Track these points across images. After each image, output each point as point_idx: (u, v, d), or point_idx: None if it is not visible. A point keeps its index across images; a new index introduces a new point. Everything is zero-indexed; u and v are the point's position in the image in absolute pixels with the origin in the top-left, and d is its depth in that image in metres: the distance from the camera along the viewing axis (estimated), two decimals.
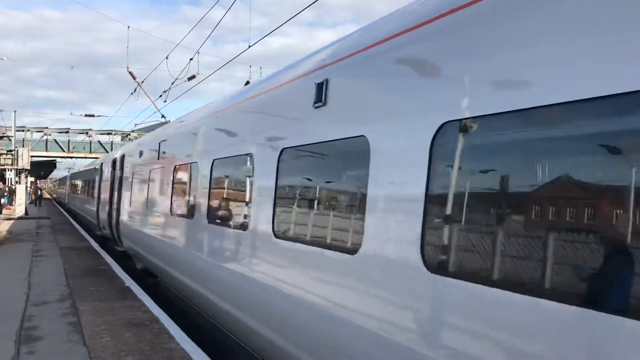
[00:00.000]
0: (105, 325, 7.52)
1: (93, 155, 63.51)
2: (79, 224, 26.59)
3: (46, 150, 63.54)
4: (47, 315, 8.07)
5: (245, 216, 6.16)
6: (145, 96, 28.81)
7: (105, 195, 17.52)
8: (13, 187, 32.45)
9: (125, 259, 14.14)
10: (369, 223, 3.91)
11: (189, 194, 8.57)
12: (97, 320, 7.80)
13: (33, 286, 10.39)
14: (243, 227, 6.09)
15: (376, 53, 4.19)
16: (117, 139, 67.99)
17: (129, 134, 67.03)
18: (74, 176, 37.01)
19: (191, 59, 24.35)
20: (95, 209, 19.79)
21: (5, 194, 18.29)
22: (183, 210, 8.74)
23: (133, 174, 13.41)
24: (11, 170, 35.61)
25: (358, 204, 4.24)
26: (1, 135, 49.93)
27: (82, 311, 8.34)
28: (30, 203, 48.41)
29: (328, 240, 4.57)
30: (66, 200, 43.96)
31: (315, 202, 5.08)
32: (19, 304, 8.83)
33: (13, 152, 35.22)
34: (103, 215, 17.33)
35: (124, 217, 14.12)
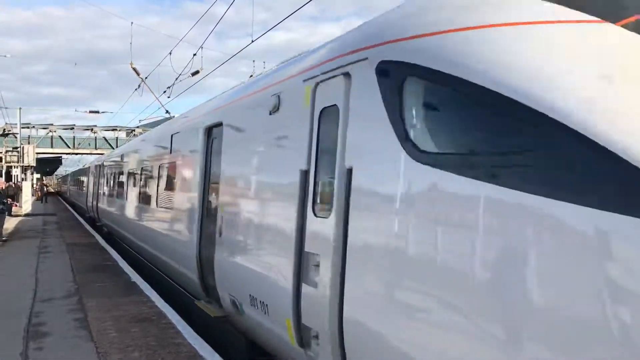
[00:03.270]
0: (111, 320, 7.56)
1: (98, 151, 63.73)
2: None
3: (51, 147, 63.68)
4: (54, 312, 8.12)
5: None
6: (149, 92, 28.78)
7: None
8: (19, 184, 32.55)
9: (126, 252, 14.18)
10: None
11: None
12: (104, 315, 7.84)
13: (40, 282, 10.45)
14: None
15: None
16: (122, 135, 68.03)
17: (134, 130, 67.18)
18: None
19: (195, 55, 24.23)
20: None
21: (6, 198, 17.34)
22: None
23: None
24: (17, 168, 35.71)
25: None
26: (6, 132, 50.16)
27: (88, 307, 8.39)
28: (37, 200, 48.62)
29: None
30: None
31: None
32: (27, 300, 8.89)
33: (18, 150, 35.33)
34: None
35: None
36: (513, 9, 3.38)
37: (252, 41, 18.30)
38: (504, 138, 3.01)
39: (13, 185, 30.76)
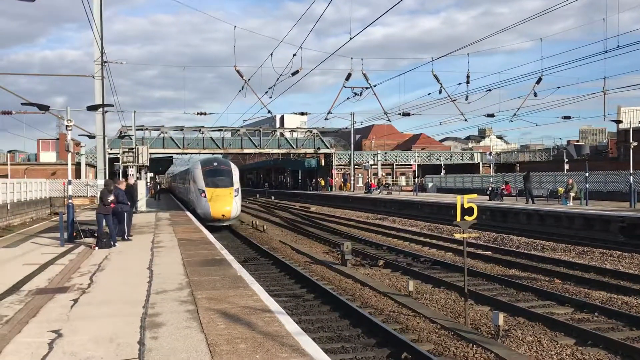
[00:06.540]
0: (220, 313, 7.87)
1: (206, 151, 66.51)
2: None
3: (163, 147, 67.21)
4: (168, 303, 8.56)
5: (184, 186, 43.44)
6: (252, 93, 29.67)
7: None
8: (135, 183, 34.61)
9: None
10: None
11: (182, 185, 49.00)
12: (213, 308, 8.17)
13: (154, 275, 11.07)
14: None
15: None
16: (227, 135, 70.47)
17: (239, 130, 69.48)
18: None
19: (294, 55, 24.61)
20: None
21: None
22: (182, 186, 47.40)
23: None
24: (133, 167, 38.11)
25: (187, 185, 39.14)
26: (123, 134, 53.48)
27: (198, 299, 8.78)
28: (151, 197, 51.55)
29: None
30: None
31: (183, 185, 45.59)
32: (142, 292, 9.45)
33: (134, 150, 37.64)
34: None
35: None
36: (200, 165, 32.77)
37: (350, 38, 18.22)
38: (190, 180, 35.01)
39: (132, 184, 32.75)
